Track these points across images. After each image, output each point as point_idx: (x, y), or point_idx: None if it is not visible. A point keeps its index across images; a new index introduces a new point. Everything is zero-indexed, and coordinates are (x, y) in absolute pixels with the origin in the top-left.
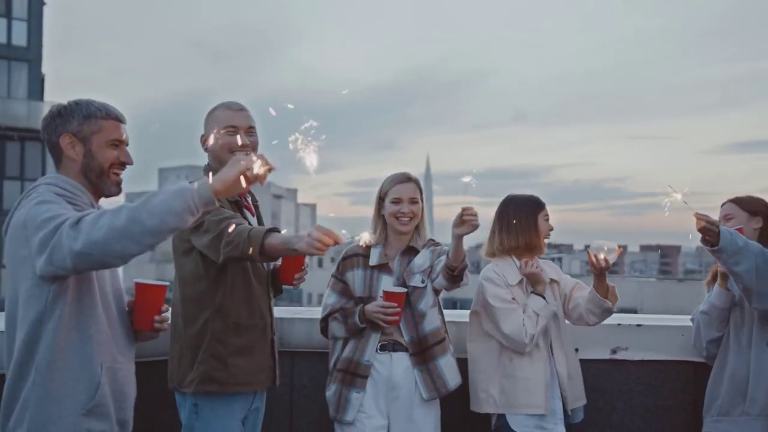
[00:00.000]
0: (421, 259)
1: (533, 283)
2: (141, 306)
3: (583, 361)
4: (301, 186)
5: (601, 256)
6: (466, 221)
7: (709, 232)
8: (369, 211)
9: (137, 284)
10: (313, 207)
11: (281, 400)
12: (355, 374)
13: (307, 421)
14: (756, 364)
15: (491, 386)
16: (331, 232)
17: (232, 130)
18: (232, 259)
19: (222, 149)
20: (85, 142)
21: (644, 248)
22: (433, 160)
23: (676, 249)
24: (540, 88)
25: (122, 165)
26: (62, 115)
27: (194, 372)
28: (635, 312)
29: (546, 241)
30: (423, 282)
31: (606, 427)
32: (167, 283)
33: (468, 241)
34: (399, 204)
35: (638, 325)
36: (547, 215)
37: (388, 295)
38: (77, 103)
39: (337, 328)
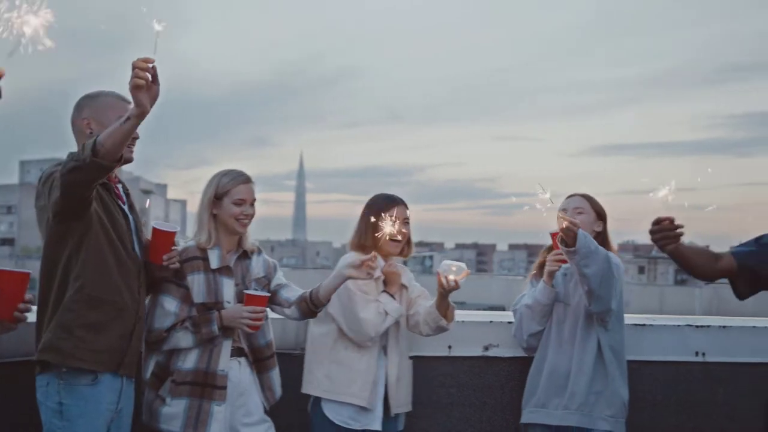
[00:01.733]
0: (257, 267)
1: (389, 282)
2: (0, 295)
3: (455, 358)
4: (171, 182)
5: (451, 277)
6: (366, 269)
7: (570, 233)
8: None
9: None
10: (183, 203)
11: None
12: (214, 386)
13: None
14: (578, 361)
15: (319, 369)
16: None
17: None
18: (72, 172)
19: None
20: None
21: (512, 247)
22: (307, 157)
23: (542, 248)
24: (414, 88)
25: None
26: None
27: (41, 343)
28: (503, 309)
29: (394, 241)
30: (257, 291)
31: (477, 422)
32: (29, 271)
33: None
34: (242, 205)
35: (509, 323)
36: (394, 218)
37: (251, 299)
38: None
39: (184, 338)
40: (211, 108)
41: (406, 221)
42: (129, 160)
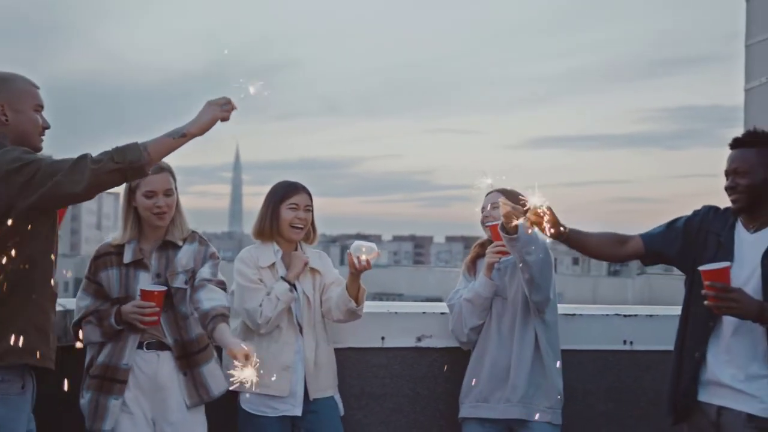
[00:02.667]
0: (186, 258)
1: (289, 267)
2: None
3: (389, 349)
4: None
5: (363, 257)
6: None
7: (512, 218)
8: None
9: None
10: (116, 196)
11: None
12: (113, 380)
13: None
14: (518, 354)
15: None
16: (226, 99)
17: (40, 110)
18: (112, 173)
19: (35, 126)
20: None
21: (449, 239)
22: (243, 149)
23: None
24: (351, 80)
25: None
26: None
27: (9, 345)
28: (441, 301)
29: (295, 228)
30: (186, 283)
31: (411, 412)
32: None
33: None
34: (153, 197)
35: (442, 313)
36: (294, 204)
37: (146, 294)
38: None
39: (91, 332)
40: (143, 99)
41: (308, 208)
42: (38, 150)
